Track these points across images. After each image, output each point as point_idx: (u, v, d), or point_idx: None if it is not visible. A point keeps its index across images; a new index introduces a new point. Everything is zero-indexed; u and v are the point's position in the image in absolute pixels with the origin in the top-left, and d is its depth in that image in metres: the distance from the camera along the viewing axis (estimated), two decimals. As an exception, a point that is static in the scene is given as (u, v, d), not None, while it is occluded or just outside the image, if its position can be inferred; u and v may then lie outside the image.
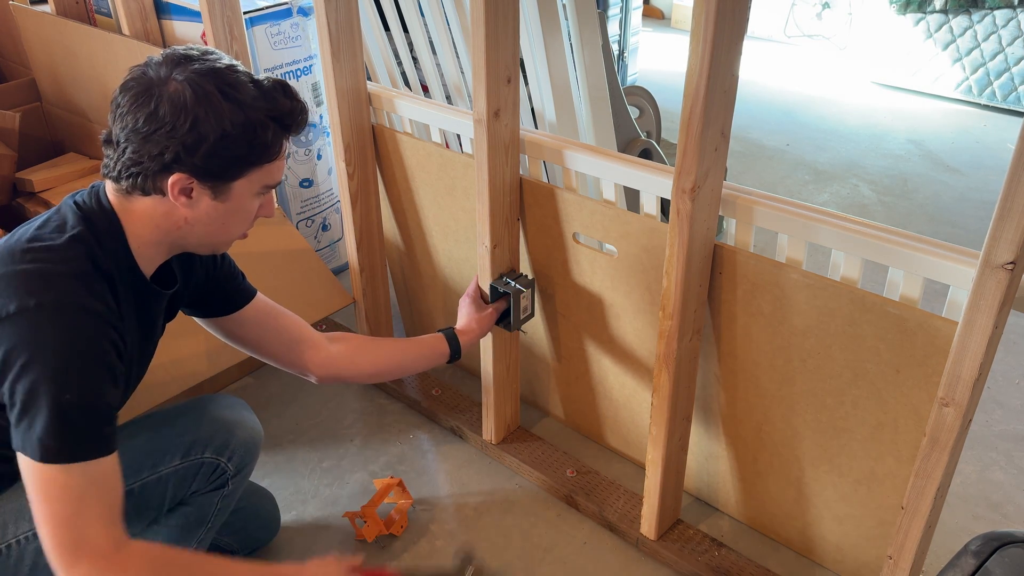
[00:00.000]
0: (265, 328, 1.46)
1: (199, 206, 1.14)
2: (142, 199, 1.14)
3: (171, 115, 1.06)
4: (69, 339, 1.04)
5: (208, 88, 1.07)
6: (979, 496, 1.80)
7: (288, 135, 1.17)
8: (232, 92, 1.09)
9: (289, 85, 1.16)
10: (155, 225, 1.16)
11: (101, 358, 1.07)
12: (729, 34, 1.15)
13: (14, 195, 2.43)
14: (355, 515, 1.71)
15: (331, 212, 2.53)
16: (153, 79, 1.08)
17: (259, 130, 1.11)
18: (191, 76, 1.08)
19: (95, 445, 1.06)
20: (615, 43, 3.85)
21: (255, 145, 1.12)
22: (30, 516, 1.17)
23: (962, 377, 1.14)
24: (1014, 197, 0.98)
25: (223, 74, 1.10)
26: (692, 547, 1.64)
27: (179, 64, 1.09)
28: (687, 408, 1.55)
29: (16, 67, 2.74)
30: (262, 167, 1.15)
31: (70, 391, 1.03)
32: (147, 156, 1.08)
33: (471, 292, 1.68)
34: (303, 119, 1.18)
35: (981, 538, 0.91)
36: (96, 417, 1.06)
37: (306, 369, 1.49)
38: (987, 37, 3.97)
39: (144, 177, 1.10)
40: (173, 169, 1.09)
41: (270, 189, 1.20)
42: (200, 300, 1.39)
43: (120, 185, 1.13)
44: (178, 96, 1.06)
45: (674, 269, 1.35)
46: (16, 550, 1.18)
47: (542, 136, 1.61)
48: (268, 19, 2.16)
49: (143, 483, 1.22)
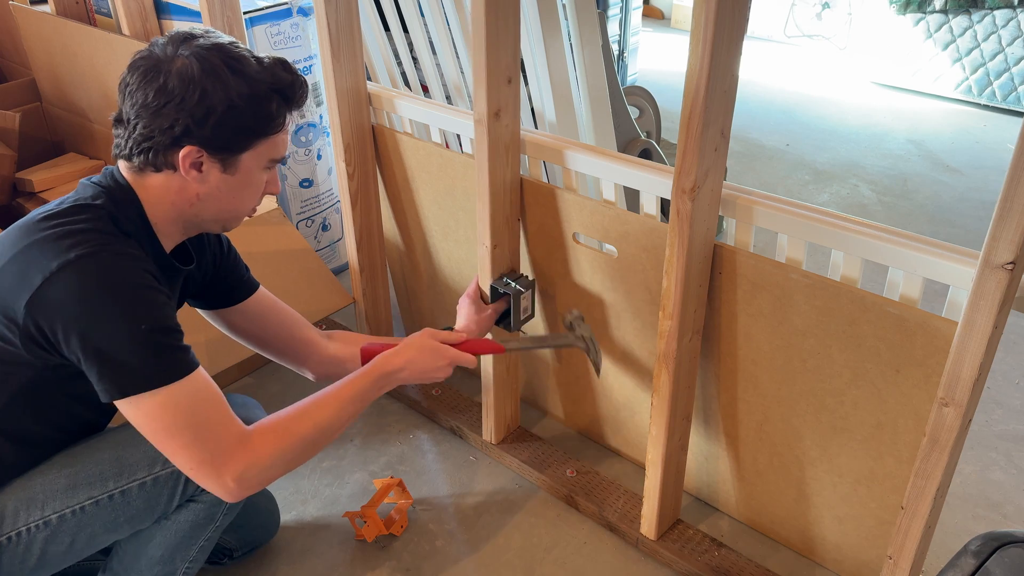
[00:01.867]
0: (266, 322, 1.49)
1: (210, 180, 1.18)
2: (155, 175, 1.18)
3: (180, 88, 1.10)
4: (119, 279, 1.09)
5: (214, 61, 1.12)
6: (979, 496, 1.80)
7: (291, 108, 1.21)
8: (237, 65, 1.14)
9: (287, 61, 1.21)
10: (170, 202, 1.20)
11: (152, 285, 1.12)
12: (729, 34, 1.15)
13: (14, 195, 2.43)
14: (355, 515, 1.71)
15: (331, 212, 2.53)
16: (160, 57, 1.13)
17: (264, 102, 1.16)
18: (197, 51, 1.12)
19: (185, 361, 1.13)
20: (615, 43, 3.85)
21: (261, 116, 1.17)
22: (41, 504, 1.20)
23: (962, 377, 1.14)
24: (1014, 197, 0.98)
25: (227, 49, 1.14)
26: (692, 547, 1.64)
27: (184, 41, 1.14)
28: (687, 408, 1.55)
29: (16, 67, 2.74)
30: (268, 139, 1.20)
31: (143, 321, 1.08)
32: (158, 130, 1.12)
33: (471, 292, 1.68)
34: (303, 92, 1.22)
35: (981, 538, 0.91)
36: (175, 336, 1.13)
37: (304, 366, 1.53)
38: (987, 37, 3.97)
39: (155, 152, 1.14)
40: (183, 142, 1.13)
41: (276, 163, 1.25)
42: (205, 289, 1.43)
43: (132, 163, 1.17)
44: (186, 70, 1.11)
45: (674, 269, 1.35)
46: (26, 538, 1.19)
47: (542, 136, 1.61)
48: (268, 19, 2.16)
49: (155, 477, 1.23)
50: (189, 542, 1.33)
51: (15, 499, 1.20)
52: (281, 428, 1.20)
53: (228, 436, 1.14)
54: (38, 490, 1.20)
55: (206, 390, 1.14)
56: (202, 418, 1.12)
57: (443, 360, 1.39)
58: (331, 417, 1.25)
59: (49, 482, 1.21)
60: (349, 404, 1.28)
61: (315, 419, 1.23)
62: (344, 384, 1.30)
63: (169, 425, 1.10)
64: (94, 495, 1.21)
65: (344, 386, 1.29)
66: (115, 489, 1.22)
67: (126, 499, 1.22)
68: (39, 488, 1.20)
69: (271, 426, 1.20)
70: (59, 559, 1.23)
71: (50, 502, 1.20)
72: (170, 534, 1.31)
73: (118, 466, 1.22)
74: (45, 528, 1.19)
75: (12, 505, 1.19)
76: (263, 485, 1.18)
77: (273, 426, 1.20)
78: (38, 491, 1.20)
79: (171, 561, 1.34)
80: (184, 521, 1.31)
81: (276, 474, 1.19)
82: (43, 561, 1.21)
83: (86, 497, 1.21)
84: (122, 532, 1.26)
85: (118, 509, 1.22)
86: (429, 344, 1.39)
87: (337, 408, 1.26)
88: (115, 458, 1.23)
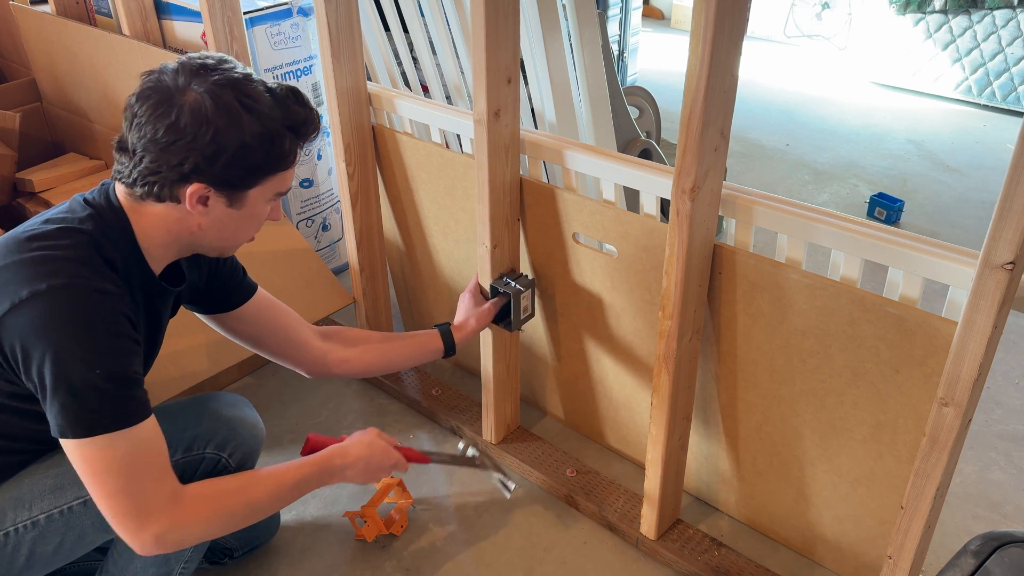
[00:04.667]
0: (263, 324, 1.49)
1: (213, 213, 1.16)
2: (155, 205, 1.15)
3: (192, 126, 1.07)
4: (86, 317, 1.06)
5: (227, 99, 1.09)
6: (979, 496, 1.80)
7: (302, 143, 1.19)
8: (250, 103, 1.10)
9: (300, 92, 1.18)
10: (166, 229, 1.18)
11: (119, 330, 1.09)
12: (729, 34, 1.15)
13: (14, 195, 2.43)
14: (355, 515, 1.71)
15: (331, 212, 2.53)
16: (171, 88, 1.09)
17: (276, 139, 1.13)
18: (211, 87, 1.09)
19: (133, 410, 1.09)
20: (615, 43, 3.85)
21: (272, 155, 1.14)
22: (28, 504, 1.19)
23: (962, 377, 1.14)
24: (1014, 197, 0.98)
25: (241, 84, 1.11)
26: (692, 547, 1.64)
27: (197, 74, 1.10)
28: (687, 408, 1.55)
29: (16, 67, 2.74)
30: (277, 175, 1.18)
31: (98, 366, 1.05)
32: (166, 166, 1.10)
33: (471, 288, 1.69)
34: (316, 127, 1.20)
35: (981, 538, 0.91)
36: (128, 384, 1.09)
37: (298, 365, 1.53)
38: (987, 37, 3.97)
39: (161, 186, 1.12)
40: (191, 179, 1.10)
41: (282, 195, 1.23)
42: (204, 297, 1.42)
43: (133, 191, 1.15)
44: (199, 107, 1.07)
45: (674, 269, 1.35)
46: (14, 538, 1.19)
47: (542, 136, 1.61)
48: (268, 19, 2.16)
49: None
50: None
51: (2, 500, 1.19)
52: (214, 497, 1.17)
53: (160, 494, 1.11)
54: (25, 490, 1.20)
55: (148, 442, 1.10)
56: (137, 470, 1.09)
57: (389, 461, 1.40)
58: (266, 498, 1.23)
59: (36, 482, 1.20)
60: (288, 491, 1.26)
61: (250, 496, 1.21)
62: (287, 468, 1.28)
63: (101, 471, 1.07)
64: (82, 495, 1.20)
65: (287, 470, 1.27)
66: None
67: None
68: (26, 488, 1.20)
69: (206, 492, 1.17)
70: (48, 559, 1.22)
71: (37, 502, 1.19)
72: None
73: None
74: (33, 528, 1.19)
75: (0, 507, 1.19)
76: (180, 547, 1.15)
77: (207, 492, 1.17)
78: (25, 491, 1.20)
79: (166, 562, 1.34)
80: None
81: (195, 540, 1.16)
82: (31, 562, 1.21)
83: (73, 497, 1.20)
84: (111, 532, 1.26)
85: None
86: (379, 444, 1.39)
87: (275, 491, 1.25)
88: None
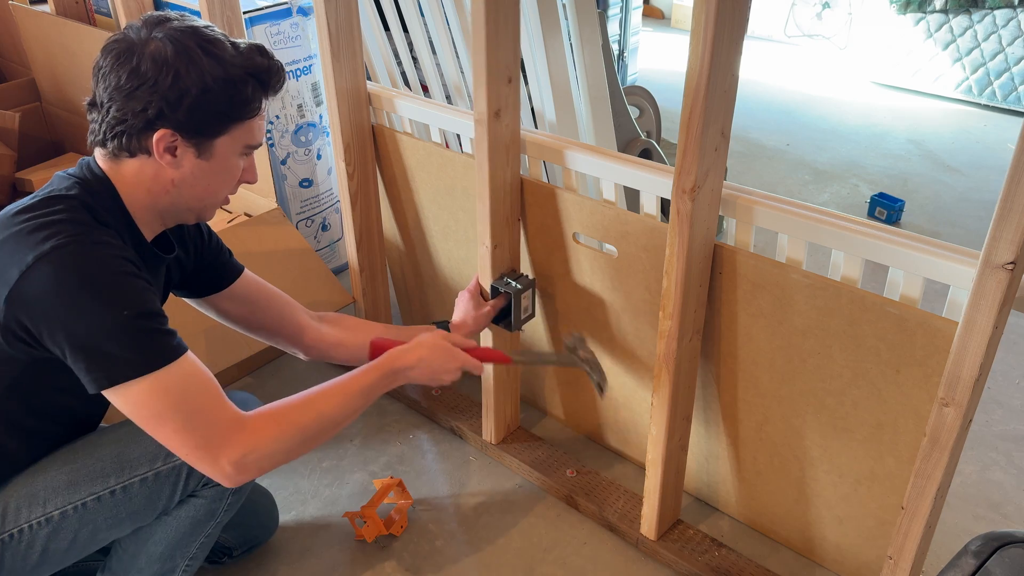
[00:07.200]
0: (256, 304, 1.49)
1: (184, 165, 1.17)
2: (129, 161, 1.16)
3: (153, 70, 1.09)
4: (96, 266, 1.07)
5: (188, 44, 1.11)
6: (979, 496, 1.80)
7: (266, 93, 1.20)
8: (212, 48, 1.12)
9: (263, 46, 1.19)
10: (146, 189, 1.18)
11: (132, 273, 1.10)
12: (729, 34, 1.15)
13: (14, 195, 2.43)
14: (355, 515, 1.71)
15: (331, 212, 2.53)
16: (134, 40, 1.11)
17: (239, 85, 1.14)
18: (171, 33, 1.11)
19: (173, 343, 1.11)
20: (615, 43, 3.85)
21: (236, 100, 1.15)
22: (43, 501, 1.20)
23: (962, 377, 1.14)
24: (1014, 197, 0.98)
25: (201, 32, 1.13)
26: (692, 547, 1.63)
27: (158, 24, 1.12)
28: (687, 408, 1.55)
29: (16, 67, 2.74)
30: (243, 124, 1.18)
31: (125, 307, 1.06)
32: (131, 113, 1.11)
33: (471, 288, 1.68)
34: (280, 77, 1.21)
35: (981, 538, 0.91)
36: (159, 320, 1.11)
37: (296, 346, 1.54)
38: (987, 37, 3.97)
39: (129, 136, 1.13)
40: (157, 125, 1.12)
41: (252, 149, 1.23)
42: (191, 278, 1.42)
43: (107, 148, 1.16)
44: (159, 52, 1.09)
45: (674, 269, 1.35)
46: (28, 535, 1.20)
47: (542, 136, 1.61)
48: (268, 19, 2.16)
49: (156, 472, 1.23)
50: (189, 538, 1.33)
51: (16, 496, 1.20)
52: (281, 415, 1.18)
53: (222, 420, 1.12)
54: (40, 487, 1.20)
55: (196, 374, 1.12)
56: (193, 403, 1.10)
57: (454, 362, 1.38)
58: (335, 409, 1.23)
59: (50, 479, 1.21)
60: (356, 398, 1.26)
61: (319, 409, 1.21)
62: (352, 377, 1.28)
63: (160, 411, 1.08)
64: (96, 491, 1.21)
65: (352, 379, 1.27)
66: (116, 485, 1.22)
67: (128, 495, 1.22)
68: (41, 485, 1.20)
69: (271, 413, 1.18)
70: (61, 556, 1.23)
71: (52, 499, 1.20)
72: (171, 530, 1.31)
73: (119, 462, 1.22)
74: (47, 525, 1.19)
75: (14, 502, 1.19)
76: (263, 472, 1.16)
77: (273, 413, 1.18)
78: (40, 488, 1.20)
79: (171, 558, 1.34)
80: (185, 517, 1.31)
81: (276, 462, 1.17)
82: (45, 558, 1.22)
83: (88, 493, 1.21)
84: (124, 528, 1.26)
85: (120, 505, 1.22)
86: (442, 344, 1.38)
87: (343, 400, 1.25)
88: (116, 454, 1.23)
